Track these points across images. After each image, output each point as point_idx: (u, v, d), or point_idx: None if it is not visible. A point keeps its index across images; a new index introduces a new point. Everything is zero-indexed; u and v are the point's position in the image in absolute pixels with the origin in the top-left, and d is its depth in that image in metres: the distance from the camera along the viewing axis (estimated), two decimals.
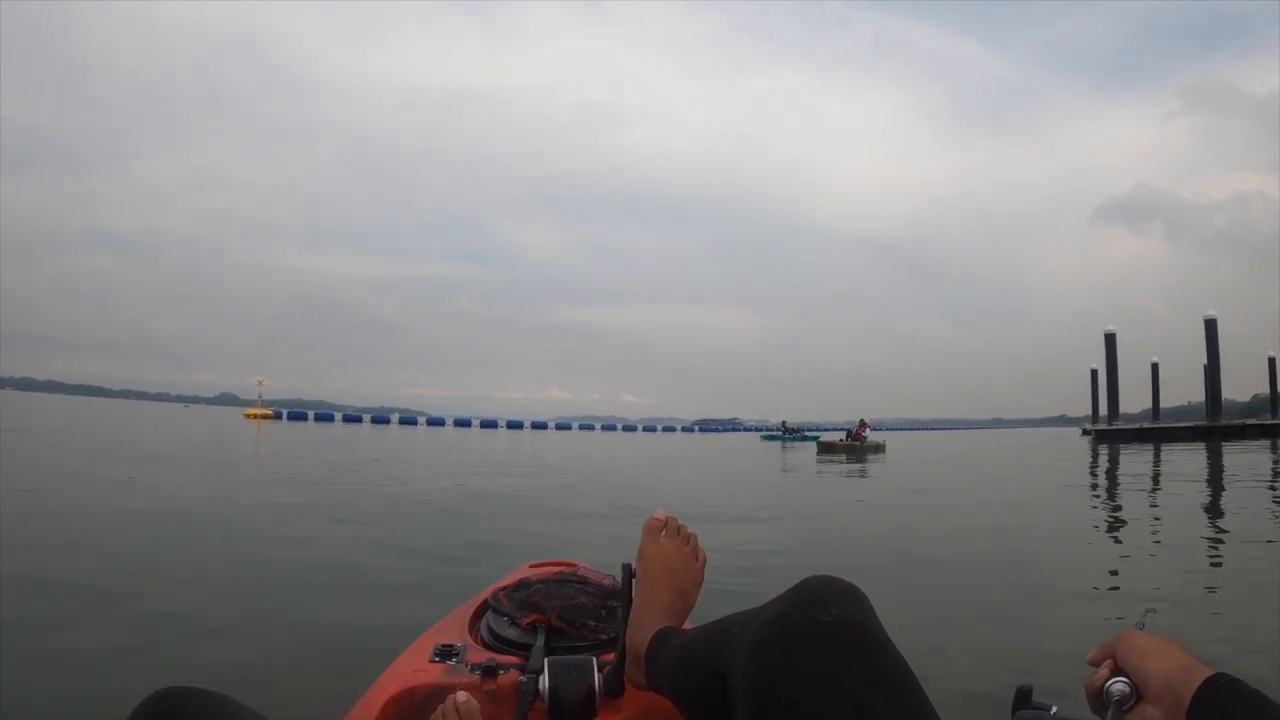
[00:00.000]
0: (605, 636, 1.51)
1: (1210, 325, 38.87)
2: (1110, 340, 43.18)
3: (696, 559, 1.41)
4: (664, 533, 1.41)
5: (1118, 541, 6.15)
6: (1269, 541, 5.74)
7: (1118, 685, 0.78)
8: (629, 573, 1.39)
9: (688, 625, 1.33)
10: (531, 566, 1.95)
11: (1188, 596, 3.75)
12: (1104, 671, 0.81)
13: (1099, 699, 0.79)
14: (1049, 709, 0.89)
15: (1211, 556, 5.05)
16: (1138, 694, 0.77)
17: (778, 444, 34.07)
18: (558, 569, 1.86)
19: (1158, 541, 5.97)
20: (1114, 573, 4.60)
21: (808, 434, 43.64)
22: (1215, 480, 11.88)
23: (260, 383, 64.31)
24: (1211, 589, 3.97)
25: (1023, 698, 0.91)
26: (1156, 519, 7.37)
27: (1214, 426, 35.04)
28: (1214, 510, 7.98)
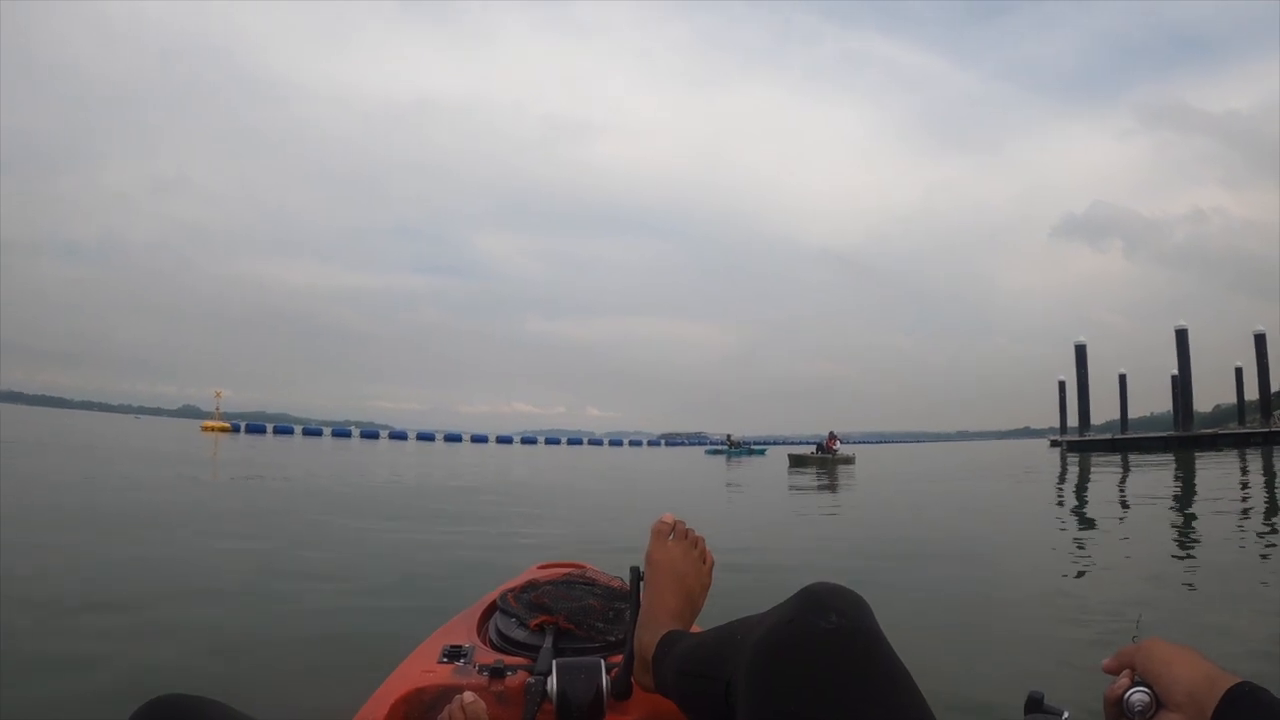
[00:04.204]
0: (613, 638, 1.51)
1: (1181, 336, 39.08)
2: (1080, 351, 43.36)
3: (705, 563, 1.40)
4: (672, 536, 1.40)
5: (1111, 547, 6.06)
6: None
7: (1138, 695, 0.78)
8: (636, 576, 1.39)
9: (696, 628, 1.33)
10: (540, 568, 1.95)
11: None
12: (1124, 681, 0.80)
13: (1118, 708, 0.79)
14: (1061, 714, 0.90)
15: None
16: (1158, 703, 0.77)
17: (723, 458, 33.32)
18: (566, 570, 1.85)
19: (1167, 550, 5.69)
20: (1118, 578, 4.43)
21: (754, 448, 43.49)
22: (1218, 491, 11.37)
23: (218, 394, 62.39)
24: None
25: (1034, 704, 0.91)
26: (1164, 528, 7.03)
27: (1186, 436, 34.97)
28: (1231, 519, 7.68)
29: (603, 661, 1.34)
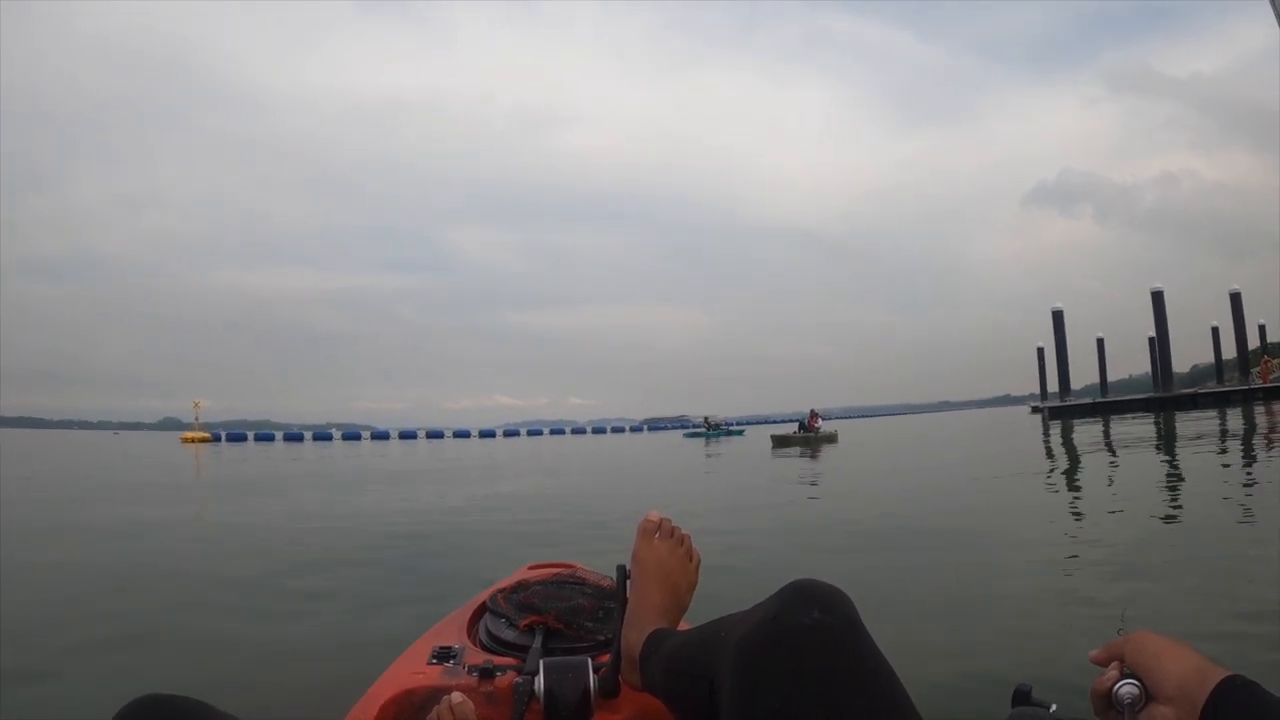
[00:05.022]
0: (603, 638, 1.51)
1: (1157, 298, 39.28)
2: (1058, 317, 43.49)
3: (691, 560, 1.40)
4: (658, 534, 1.39)
5: (1101, 520, 6.00)
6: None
7: (1127, 688, 0.77)
8: (623, 574, 1.39)
9: (684, 625, 1.34)
10: (530, 568, 1.95)
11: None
12: (1113, 673, 0.79)
13: (1106, 701, 0.78)
14: (1048, 707, 0.91)
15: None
16: (1147, 696, 0.76)
17: (700, 441, 33.32)
18: (556, 570, 1.86)
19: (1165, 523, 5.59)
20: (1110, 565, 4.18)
21: (732, 429, 43.77)
22: (1200, 452, 11.33)
23: (196, 405, 61.54)
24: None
25: (1021, 697, 0.92)
26: (1151, 496, 6.94)
27: (1166, 397, 35.13)
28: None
29: (590, 660, 1.35)
